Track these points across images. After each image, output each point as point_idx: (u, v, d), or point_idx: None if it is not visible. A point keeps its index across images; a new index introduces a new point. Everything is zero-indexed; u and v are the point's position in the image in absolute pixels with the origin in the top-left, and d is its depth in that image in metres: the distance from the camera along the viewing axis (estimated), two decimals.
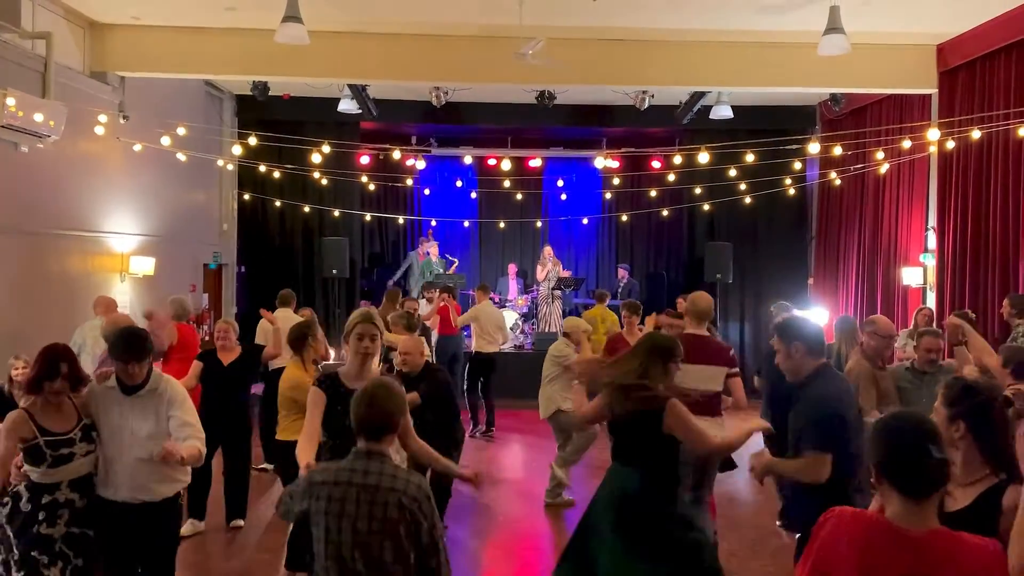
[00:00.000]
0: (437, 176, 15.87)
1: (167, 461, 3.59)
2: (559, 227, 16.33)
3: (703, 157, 11.05)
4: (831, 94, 11.73)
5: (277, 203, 13.08)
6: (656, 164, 14.35)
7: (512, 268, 15.14)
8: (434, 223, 15.51)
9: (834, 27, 6.87)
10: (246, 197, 13.10)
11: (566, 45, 9.05)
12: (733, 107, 11.94)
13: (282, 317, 8.00)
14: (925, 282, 10.39)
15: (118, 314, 7.44)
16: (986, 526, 2.45)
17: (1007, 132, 8.48)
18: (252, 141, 10.88)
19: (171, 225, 10.77)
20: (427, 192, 15.90)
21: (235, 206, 13.14)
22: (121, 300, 8.76)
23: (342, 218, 13.24)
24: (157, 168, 10.25)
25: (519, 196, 15.50)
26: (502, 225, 15.60)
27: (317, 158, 11.40)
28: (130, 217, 9.90)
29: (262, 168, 12.12)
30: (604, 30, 9.29)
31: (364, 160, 13.66)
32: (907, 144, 9.87)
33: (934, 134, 8.65)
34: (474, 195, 15.90)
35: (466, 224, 16.00)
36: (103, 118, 9.10)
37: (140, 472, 3.76)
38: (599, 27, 9.17)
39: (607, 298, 10.78)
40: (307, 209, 13.06)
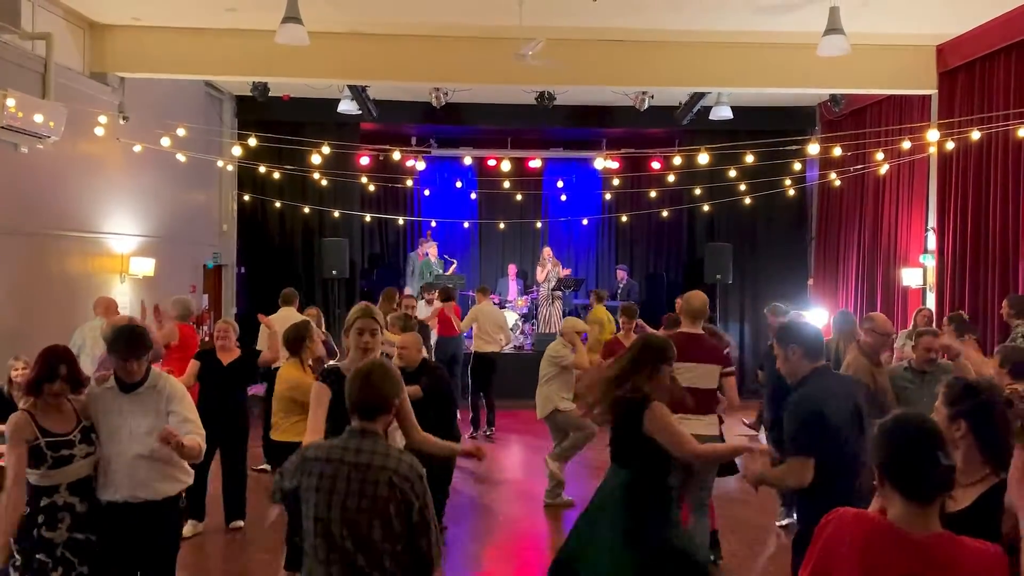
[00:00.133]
0: (437, 177, 15.88)
1: (167, 443, 3.56)
2: (559, 228, 16.35)
3: (703, 158, 11.07)
4: (831, 95, 11.73)
5: (277, 204, 13.07)
6: (656, 165, 14.35)
7: (512, 269, 15.16)
8: (434, 224, 15.53)
9: (834, 28, 6.87)
10: (246, 198, 13.08)
11: (566, 46, 9.06)
12: (733, 108, 11.93)
13: (285, 316, 8.00)
14: (925, 283, 10.38)
15: (118, 316, 7.45)
16: (987, 527, 2.45)
17: (1007, 133, 8.48)
18: (252, 142, 10.88)
19: (171, 226, 10.76)
20: (427, 193, 15.91)
21: (235, 207, 13.12)
22: (121, 301, 8.75)
23: (342, 219, 13.24)
24: (157, 169, 10.24)
25: (519, 197, 15.53)
26: (502, 226, 15.61)
27: (317, 159, 11.41)
28: (130, 218, 9.90)
29: (262, 169, 12.12)
30: (604, 31, 9.29)
31: (364, 161, 13.67)
32: (907, 145, 9.88)
33: (934, 135, 8.65)
34: (474, 196, 15.91)
35: (466, 225, 16.01)
36: (103, 119, 9.09)
37: (139, 469, 3.73)
38: (599, 28, 9.18)
39: (605, 298, 10.78)
40: (307, 210, 13.04)
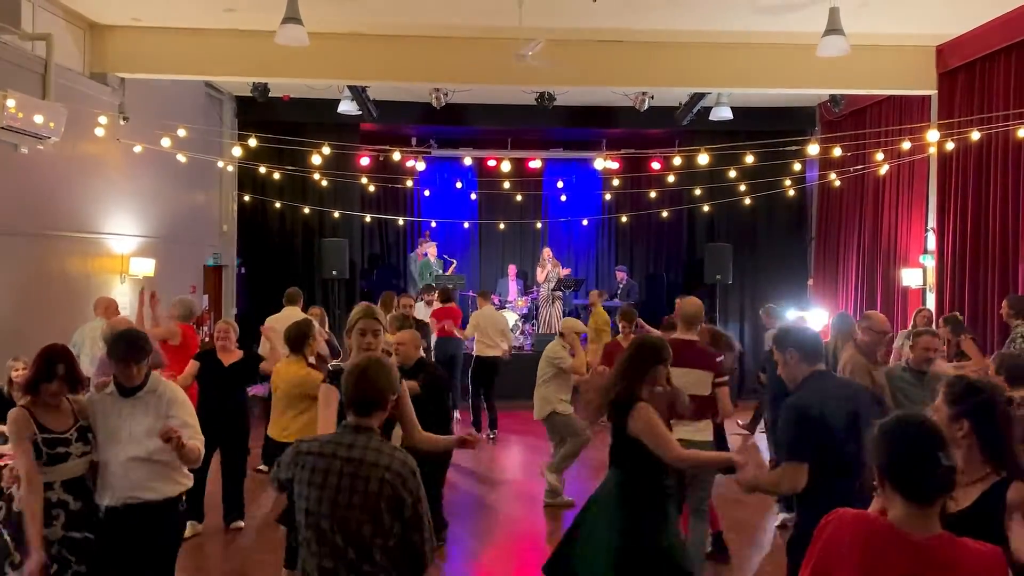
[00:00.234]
0: (437, 177, 15.87)
1: (167, 440, 3.55)
2: (559, 228, 16.35)
3: (703, 158, 11.08)
4: (831, 95, 11.72)
5: (277, 204, 13.07)
6: (656, 165, 14.36)
7: (512, 269, 15.15)
8: (434, 224, 15.53)
9: (833, 28, 6.86)
10: (246, 198, 13.08)
11: (566, 46, 9.06)
12: (733, 108, 11.93)
13: (289, 316, 7.98)
14: (925, 283, 10.39)
15: (118, 318, 7.44)
16: (989, 526, 2.45)
17: (1006, 133, 8.49)
18: (252, 142, 10.88)
19: (171, 226, 10.76)
20: (427, 193, 15.90)
21: (235, 207, 13.12)
22: (121, 301, 8.73)
23: (342, 219, 13.24)
24: (157, 169, 10.24)
25: (519, 197, 15.53)
26: (502, 226, 15.62)
27: (317, 159, 11.41)
28: (130, 218, 9.89)
29: (262, 169, 12.12)
30: (604, 31, 9.29)
31: (364, 161, 13.67)
32: (907, 145, 9.88)
33: (933, 135, 8.65)
34: (474, 196, 15.91)
35: (466, 225, 16.00)
36: (103, 119, 9.09)
37: (136, 470, 3.73)
38: (599, 28, 9.18)
39: (603, 298, 10.78)
40: (307, 210, 13.05)
